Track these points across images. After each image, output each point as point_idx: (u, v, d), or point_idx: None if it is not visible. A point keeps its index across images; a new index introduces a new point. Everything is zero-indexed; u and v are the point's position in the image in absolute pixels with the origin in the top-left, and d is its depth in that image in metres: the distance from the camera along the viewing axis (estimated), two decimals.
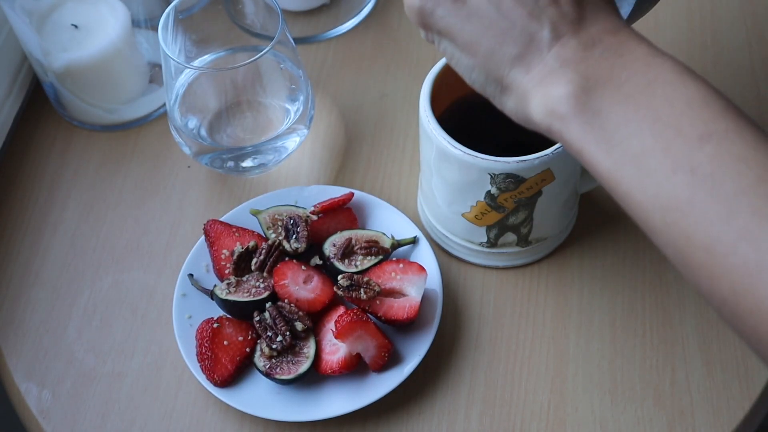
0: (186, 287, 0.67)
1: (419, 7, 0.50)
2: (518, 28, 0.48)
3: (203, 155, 0.72)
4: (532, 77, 0.48)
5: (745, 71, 0.81)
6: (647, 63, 0.46)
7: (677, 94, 0.45)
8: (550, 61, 0.47)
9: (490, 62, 0.49)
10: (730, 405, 0.64)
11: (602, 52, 0.47)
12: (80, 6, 0.74)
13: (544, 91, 0.47)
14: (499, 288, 0.70)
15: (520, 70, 0.48)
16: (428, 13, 0.50)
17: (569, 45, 0.47)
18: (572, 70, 0.47)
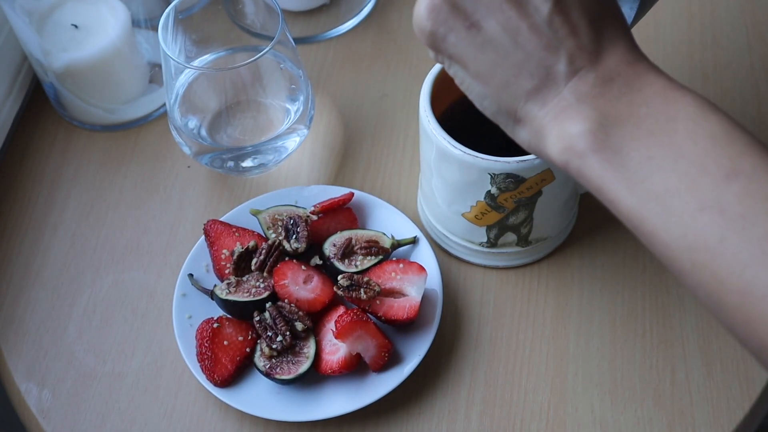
0: (186, 287, 0.67)
1: (430, 31, 0.48)
2: (535, 61, 0.46)
3: (203, 155, 0.72)
4: (548, 111, 0.46)
5: (745, 71, 0.81)
6: (666, 97, 0.45)
7: (699, 130, 0.44)
8: (566, 95, 0.46)
9: (504, 94, 0.47)
10: (730, 405, 0.64)
11: (620, 87, 0.45)
12: (80, 6, 0.74)
13: (561, 127, 0.46)
14: (499, 288, 0.70)
15: (536, 103, 0.47)
16: (440, 38, 0.48)
17: (587, 79, 0.46)
18: (590, 105, 0.45)
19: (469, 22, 0.46)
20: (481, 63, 0.47)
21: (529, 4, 0.45)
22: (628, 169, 0.44)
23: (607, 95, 0.45)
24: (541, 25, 0.45)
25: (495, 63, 0.47)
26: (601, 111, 0.45)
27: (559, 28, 0.45)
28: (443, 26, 0.47)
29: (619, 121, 0.45)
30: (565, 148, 0.46)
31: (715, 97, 0.79)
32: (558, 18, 0.45)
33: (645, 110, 0.45)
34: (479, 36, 0.46)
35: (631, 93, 0.45)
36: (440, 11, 0.47)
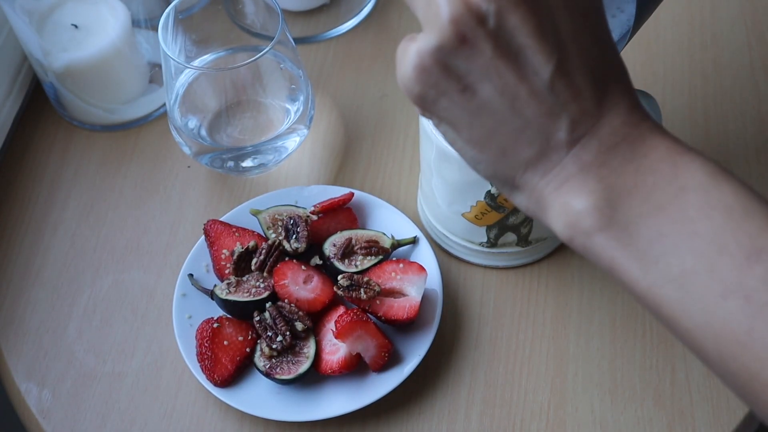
0: (186, 287, 0.67)
1: (419, 94, 0.43)
2: (534, 128, 0.42)
3: (203, 155, 0.72)
4: (549, 181, 0.43)
5: (745, 71, 0.81)
6: (674, 163, 0.42)
7: (713, 202, 0.40)
8: (568, 164, 0.42)
9: (501, 162, 0.44)
10: (730, 405, 0.64)
11: (625, 153, 0.42)
12: (80, 6, 0.74)
13: (564, 201, 0.42)
14: (499, 288, 0.70)
15: (535, 173, 0.43)
16: (430, 101, 0.43)
17: (590, 146, 0.42)
18: (594, 177, 0.42)
19: (463, 85, 0.42)
20: (476, 129, 0.43)
21: (528, 67, 0.41)
22: (639, 248, 0.41)
23: (611, 163, 0.42)
24: (542, 90, 0.41)
25: (491, 130, 0.43)
26: (606, 183, 0.42)
27: (561, 92, 0.41)
28: (434, 89, 0.42)
29: (625, 194, 0.41)
30: (569, 224, 0.42)
31: (714, 97, 0.79)
32: (560, 81, 0.41)
33: (652, 179, 0.41)
34: (474, 100, 0.42)
35: (637, 159, 0.42)
36: (430, 73, 0.42)
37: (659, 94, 0.78)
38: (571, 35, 0.41)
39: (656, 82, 0.80)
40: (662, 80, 0.80)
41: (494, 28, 0.40)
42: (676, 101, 0.79)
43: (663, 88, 0.79)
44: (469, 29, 0.40)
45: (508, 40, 0.40)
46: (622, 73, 0.44)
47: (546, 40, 0.40)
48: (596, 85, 0.42)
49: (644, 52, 0.82)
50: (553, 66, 0.41)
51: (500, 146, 0.43)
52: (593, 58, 0.42)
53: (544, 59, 0.41)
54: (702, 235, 0.40)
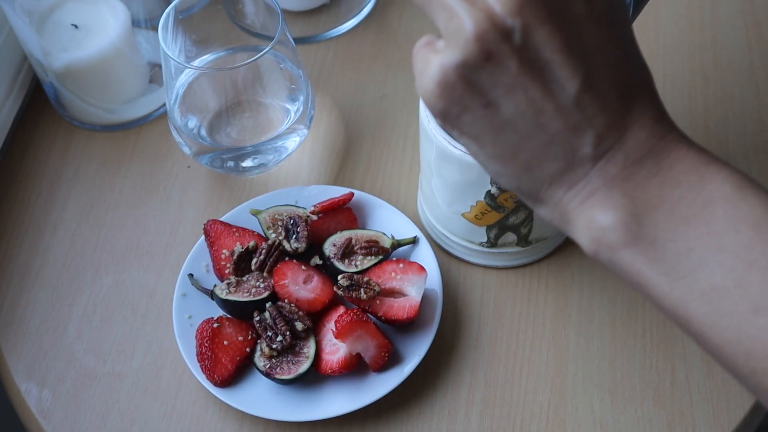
0: (186, 287, 0.67)
1: (441, 110, 0.42)
2: (560, 143, 0.41)
3: (203, 155, 0.72)
4: (573, 195, 0.42)
5: (745, 71, 0.81)
6: (701, 175, 0.41)
7: (740, 215, 0.40)
8: (594, 179, 0.42)
9: (525, 177, 0.43)
10: (730, 405, 0.64)
11: (650, 166, 0.41)
12: (80, 6, 0.74)
13: (589, 215, 0.42)
14: (499, 288, 0.70)
15: (560, 187, 0.43)
16: (453, 117, 0.42)
17: (615, 160, 0.41)
18: (620, 191, 0.41)
19: (487, 100, 0.41)
20: (500, 144, 0.42)
21: (554, 82, 0.40)
22: (666, 263, 0.40)
23: (636, 177, 0.41)
24: (568, 105, 0.40)
25: (515, 145, 0.42)
26: (631, 197, 0.41)
27: (587, 107, 0.41)
28: (457, 105, 0.41)
29: (651, 208, 0.41)
30: (594, 240, 0.42)
31: (715, 97, 0.79)
32: (586, 96, 0.40)
33: (678, 192, 0.41)
34: (498, 116, 0.41)
35: (662, 172, 0.41)
36: (454, 89, 0.41)
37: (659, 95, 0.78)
38: (597, 49, 0.40)
39: (656, 83, 0.79)
40: (662, 81, 0.80)
41: (520, 43, 0.39)
42: (676, 102, 0.79)
43: (663, 89, 0.79)
44: (495, 45, 0.39)
45: (534, 55, 0.39)
46: (647, 82, 0.43)
47: (573, 56, 0.40)
48: (622, 97, 0.41)
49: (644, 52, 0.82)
50: (580, 81, 0.40)
51: (524, 161, 0.42)
52: (620, 71, 0.41)
53: (571, 75, 0.40)
54: (730, 249, 0.39)
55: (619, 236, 0.41)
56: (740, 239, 0.39)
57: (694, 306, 0.40)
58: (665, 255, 0.41)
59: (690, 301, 0.40)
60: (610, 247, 0.42)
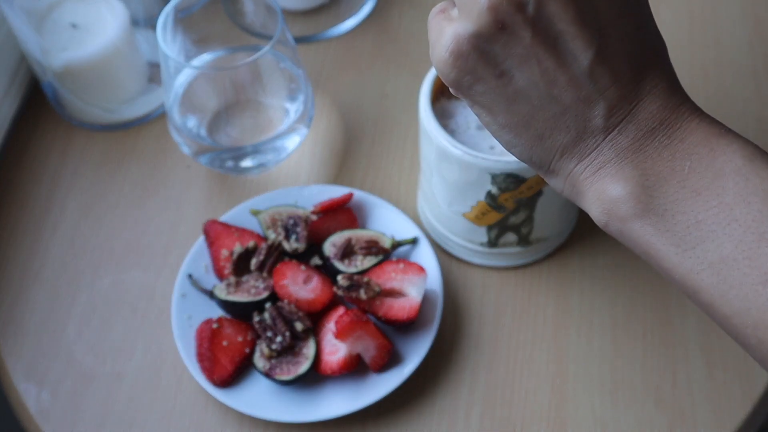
0: (185, 287, 0.67)
1: (455, 79, 0.42)
2: (572, 114, 0.42)
3: (203, 155, 0.72)
4: (585, 166, 0.43)
5: (746, 71, 0.80)
6: (711, 147, 0.41)
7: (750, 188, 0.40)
8: (605, 150, 0.42)
9: (537, 147, 0.43)
10: (731, 406, 0.64)
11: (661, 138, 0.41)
12: (79, 5, 0.74)
13: (600, 186, 0.42)
14: (500, 288, 0.69)
15: (572, 158, 0.43)
16: (466, 86, 0.42)
17: (626, 131, 0.42)
18: (630, 162, 0.42)
19: (500, 70, 0.41)
20: (512, 114, 0.43)
21: (567, 53, 0.40)
22: (675, 234, 0.41)
23: (647, 149, 0.41)
24: (581, 77, 0.41)
25: (527, 115, 0.42)
26: (642, 169, 0.41)
27: (600, 79, 0.41)
28: (470, 75, 0.42)
29: (662, 180, 0.41)
30: (604, 211, 0.42)
31: (716, 96, 0.79)
32: (599, 68, 0.41)
33: (689, 164, 0.41)
34: (510, 86, 0.41)
35: (674, 144, 0.41)
36: (467, 59, 0.41)
37: None
38: (611, 20, 0.41)
39: None
40: None
41: (533, 14, 0.39)
42: None
43: None
44: (508, 16, 0.39)
45: (547, 26, 0.40)
46: (661, 54, 0.43)
47: (586, 27, 0.40)
48: (635, 69, 0.42)
49: None
50: (593, 53, 0.40)
51: (536, 131, 0.43)
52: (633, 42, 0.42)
53: (584, 46, 0.40)
54: (740, 221, 0.40)
55: (630, 208, 0.42)
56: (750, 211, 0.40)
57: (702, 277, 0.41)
58: (675, 226, 0.41)
59: (699, 272, 0.41)
60: (620, 218, 0.42)
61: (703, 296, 0.41)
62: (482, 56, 0.41)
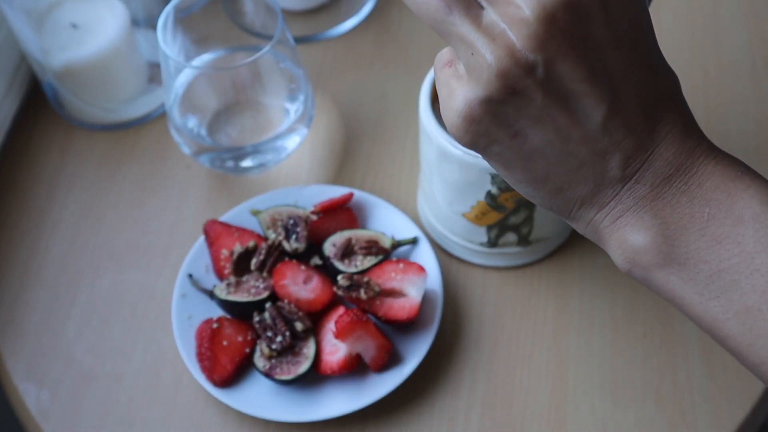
0: (185, 287, 0.67)
1: (469, 142, 0.42)
2: (588, 168, 0.42)
3: (203, 155, 0.72)
4: (605, 215, 0.43)
5: (747, 72, 0.80)
6: (729, 193, 0.41)
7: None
8: (624, 198, 0.42)
9: (556, 198, 0.43)
10: (731, 406, 0.64)
11: (679, 184, 0.41)
12: (79, 5, 0.74)
13: (621, 235, 0.42)
14: (500, 288, 0.69)
15: (591, 208, 0.43)
16: (481, 147, 0.42)
17: (643, 180, 0.42)
18: (649, 211, 0.42)
19: (513, 131, 0.41)
20: (529, 171, 0.43)
21: (580, 111, 0.40)
22: (699, 283, 0.41)
23: (665, 196, 0.41)
24: (595, 132, 0.41)
25: (544, 171, 0.42)
26: (662, 217, 0.41)
27: (614, 132, 0.41)
28: (484, 137, 0.41)
29: (682, 228, 0.41)
30: (627, 260, 0.43)
31: (716, 97, 0.79)
32: (612, 122, 0.40)
33: (708, 211, 0.41)
34: (526, 145, 0.41)
35: (691, 190, 0.41)
36: (480, 122, 0.41)
37: None
38: (621, 71, 0.40)
39: None
40: None
41: (543, 77, 0.39)
42: None
43: None
44: (518, 80, 0.39)
45: (558, 86, 0.39)
46: (673, 93, 0.43)
47: (597, 83, 0.40)
48: (648, 116, 0.41)
49: None
50: (606, 108, 0.40)
51: (555, 185, 0.43)
52: (645, 89, 0.41)
53: (596, 102, 0.40)
54: (762, 271, 0.40)
55: (652, 257, 0.42)
56: None
57: (729, 326, 0.41)
58: (698, 275, 0.41)
59: (725, 321, 0.41)
60: (643, 267, 0.42)
61: (731, 343, 0.41)
62: (495, 119, 0.41)
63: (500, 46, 0.39)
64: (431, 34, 0.84)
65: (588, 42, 0.39)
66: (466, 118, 0.41)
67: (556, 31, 0.38)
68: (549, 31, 0.38)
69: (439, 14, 0.40)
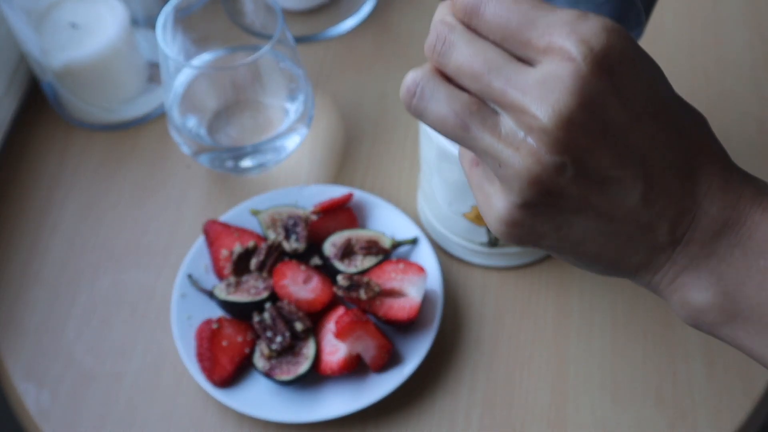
0: (185, 287, 0.67)
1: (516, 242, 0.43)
2: (637, 240, 0.42)
3: (202, 155, 0.72)
4: (661, 277, 0.43)
5: (747, 71, 0.80)
6: None
7: None
8: (678, 259, 0.42)
9: (611, 270, 0.44)
10: (731, 406, 0.64)
11: (730, 238, 0.41)
12: (79, 5, 0.74)
13: (681, 295, 0.43)
14: (500, 288, 0.69)
15: (647, 273, 0.43)
16: (530, 243, 0.43)
17: (694, 239, 0.42)
18: (705, 268, 0.42)
19: (556, 224, 0.41)
20: (580, 254, 0.43)
21: (617, 194, 0.40)
22: (764, 335, 0.41)
23: (719, 251, 0.41)
24: (636, 208, 0.41)
25: (595, 251, 0.42)
26: (718, 274, 0.41)
27: (655, 204, 0.41)
28: (531, 236, 0.42)
29: (740, 284, 0.41)
30: (692, 318, 0.43)
31: (717, 96, 0.79)
32: (651, 195, 0.41)
33: (763, 263, 0.41)
34: (572, 234, 0.42)
35: (743, 242, 0.41)
36: (522, 225, 0.41)
37: None
38: (649, 145, 0.40)
39: None
40: None
41: (575, 173, 0.39)
42: None
43: None
44: (551, 183, 0.39)
45: (591, 178, 0.40)
46: (705, 143, 0.43)
47: (628, 166, 0.40)
48: (685, 177, 0.41)
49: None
50: (642, 185, 0.40)
51: (608, 260, 0.43)
52: (675, 152, 0.41)
53: (631, 183, 0.40)
54: None
55: (715, 316, 0.42)
56: None
57: None
58: (764, 329, 0.41)
59: None
60: (708, 324, 0.43)
61: None
62: (537, 218, 0.41)
63: (525, 155, 0.39)
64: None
65: (609, 130, 0.39)
66: (509, 224, 0.41)
67: (577, 132, 0.38)
68: (569, 134, 0.38)
69: (457, 132, 0.40)
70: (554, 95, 0.38)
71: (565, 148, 0.38)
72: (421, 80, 0.41)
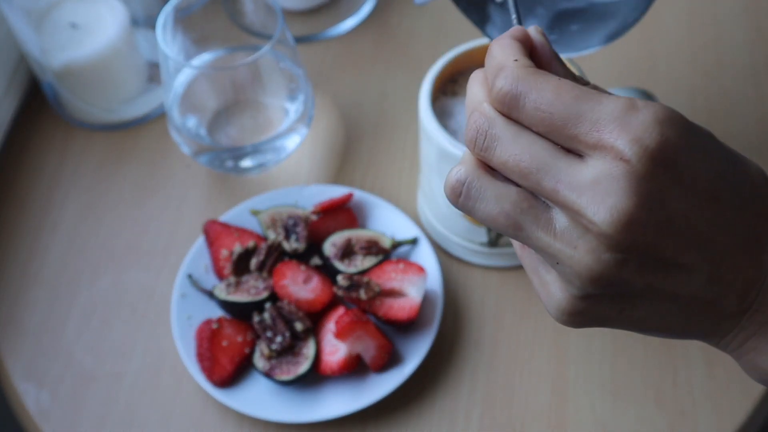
0: (185, 287, 0.67)
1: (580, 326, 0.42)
2: (703, 313, 0.40)
3: (202, 155, 0.72)
4: (728, 340, 0.42)
5: (747, 71, 0.80)
6: None
7: None
8: (746, 324, 0.41)
9: (678, 337, 0.43)
10: (732, 405, 0.64)
11: None
12: (79, 5, 0.74)
13: (750, 359, 0.42)
14: (500, 288, 0.69)
15: (715, 337, 0.42)
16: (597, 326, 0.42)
17: (762, 307, 0.40)
18: None
19: (619, 308, 0.40)
20: (646, 330, 0.42)
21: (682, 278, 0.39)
22: None
23: None
24: (702, 288, 0.39)
25: (659, 326, 0.41)
26: None
27: (721, 281, 0.39)
28: (593, 321, 0.41)
29: None
30: (763, 380, 0.43)
31: (717, 96, 0.79)
32: (716, 273, 0.39)
33: None
34: (635, 314, 0.40)
35: None
36: (585, 315, 0.40)
37: (661, 94, 0.78)
38: (712, 228, 0.39)
39: (658, 82, 0.80)
40: (664, 80, 0.80)
41: (636, 267, 0.38)
42: (678, 101, 0.78)
43: (665, 88, 0.79)
44: (612, 277, 0.38)
45: (653, 268, 0.38)
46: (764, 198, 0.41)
47: (691, 252, 0.38)
48: (751, 248, 0.40)
49: (646, 52, 0.82)
50: (707, 267, 0.39)
51: (673, 332, 0.42)
52: (739, 227, 0.40)
53: (696, 267, 0.39)
54: None
55: None
56: None
57: None
58: None
59: None
60: None
61: None
62: (598, 306, 0.40)
63: (584, 253, 0.38)
64: (431, 34, 0.84)
65: (670, 222, 0.38)
66: (571, 314, 0.40)
67: (636, 231, 0.37)
68: (629, 235, 0.37)
69: (509, 231, 0.39)
70: (611, 198, 0.36)
71: (625, 248, 0.37)
72: (467, 179, 0.39)
